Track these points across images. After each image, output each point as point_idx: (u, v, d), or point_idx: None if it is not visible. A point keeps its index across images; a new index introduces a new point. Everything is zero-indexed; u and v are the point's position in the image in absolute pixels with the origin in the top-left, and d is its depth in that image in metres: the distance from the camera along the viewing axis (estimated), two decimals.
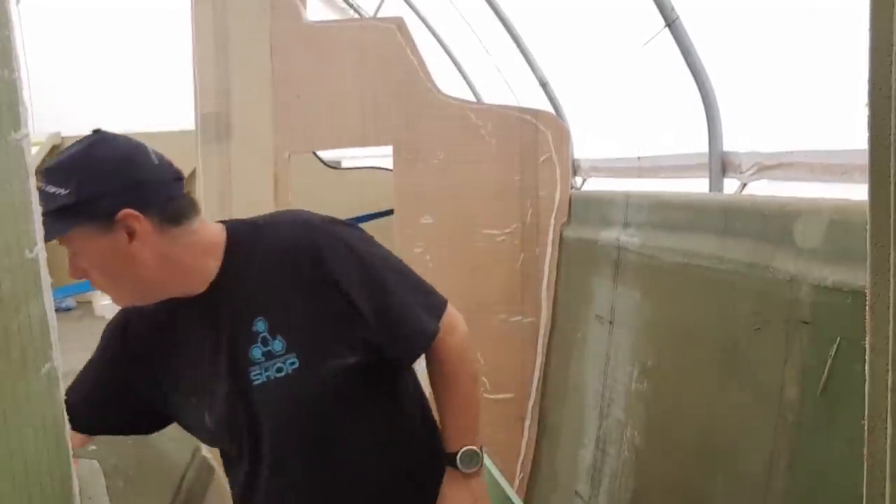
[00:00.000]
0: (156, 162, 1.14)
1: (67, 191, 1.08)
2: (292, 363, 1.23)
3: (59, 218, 1.08)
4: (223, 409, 1.26)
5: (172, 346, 1.28)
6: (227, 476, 1.42)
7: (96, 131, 1.15)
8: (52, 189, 1.08)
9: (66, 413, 0.73)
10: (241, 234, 1.25)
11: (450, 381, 1.35)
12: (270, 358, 1.23)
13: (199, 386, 1.27)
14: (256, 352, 1.23)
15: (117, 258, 1.11)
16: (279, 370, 1.23)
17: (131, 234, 1.10)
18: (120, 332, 1.31)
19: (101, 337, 1.34)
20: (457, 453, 1.35)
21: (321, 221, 1.29)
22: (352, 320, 1.23)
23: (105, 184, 1.07)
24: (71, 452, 0.73)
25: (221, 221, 1.27)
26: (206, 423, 1.28)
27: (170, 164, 1.17)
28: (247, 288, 1.23)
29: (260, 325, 1.23)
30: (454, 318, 1.34)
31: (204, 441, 1.42)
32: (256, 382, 1.23)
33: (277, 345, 1.23)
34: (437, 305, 1.33)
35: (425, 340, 1.29)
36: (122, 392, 1.32)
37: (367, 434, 1.34)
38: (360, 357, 1.25)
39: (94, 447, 1.43)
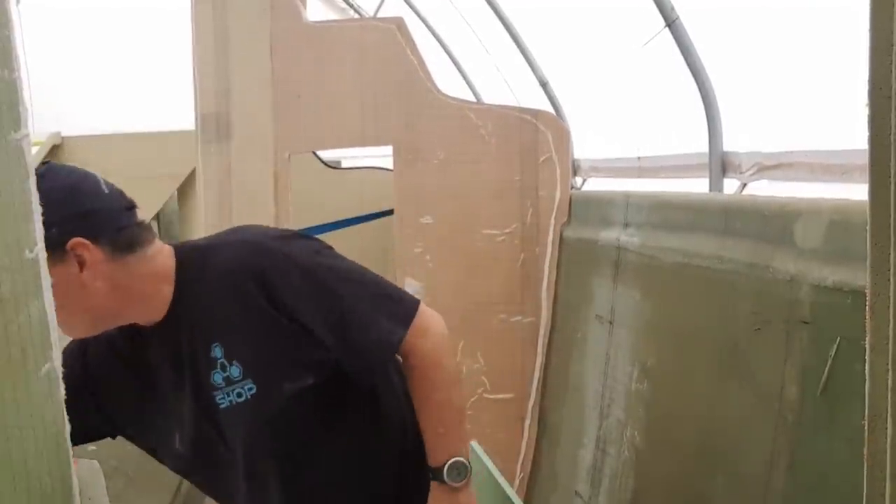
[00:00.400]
0: (106, 191, 1.14)
1: None
2: (250, 388, 1.22)
3: None
4: (193, 432, 1.26)
5: (133, 372, 1.27)
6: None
7: (45, 163, 1.14)
8: None
9: (66, 413, 0.73)
10: (189, 259, 1.24)
11: (425, 388, 1.29)
12: (230, 384, 1.22)
13: (166, 410, 1.27)
14: (217, 377, 1.23)
15: (70, 288, 1.09)
16: (239, 395, 1.22)
17: (82, 264, 1.10)
18: (80, 354, 1.28)
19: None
20: (442, 467, 1.28)
21: (268, 239, 1.26)
22: (305, 341, 1.21)
23: (52, 214, 1.03)
24: (71, 452, 0.73)
25: (171, 244, 1.26)
26: (175, 445, 1.28)
27: (121, 194, 1.17)
28: (200, 314, 1.22)
29: (217, 352, 1.22)
30: (427, 321, 1.28)
31: (172, 467, 1.37)
32: (222, 406, 1.23)
33: (234, 371, 1.23)
34: (403, 311, 1.27)
35: (387, 348, 1.26)
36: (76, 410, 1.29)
37: (344, 446, 1.32)
38: (319, 377, 1.23)
39: (93, 447, 1.43)
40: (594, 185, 3.51)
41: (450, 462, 1.28)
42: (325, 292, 1.22)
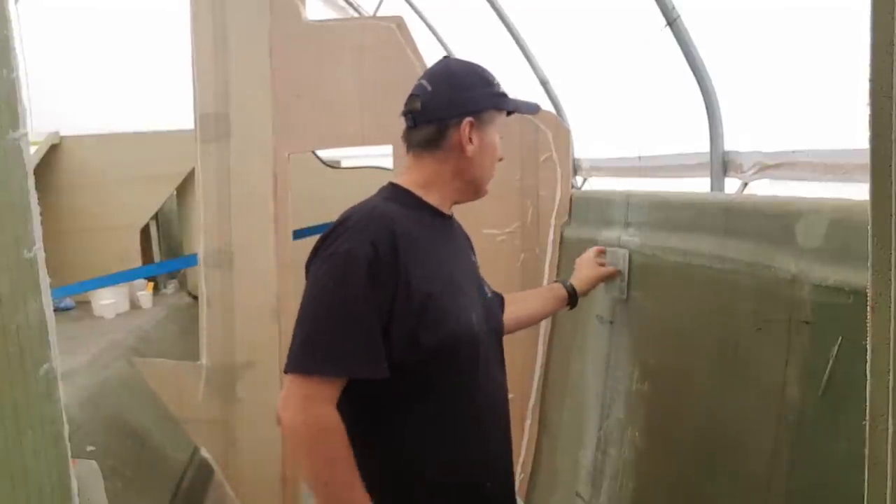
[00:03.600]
0: None
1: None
2: (485, 291, 1.69)
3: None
4: (481, 314, 1.58)
5: (438, 252, 1.55)
6: (441, 397, 1.53)
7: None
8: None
9: (64, 413, 0.73)
10: None
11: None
12: (484, 282, 1.71)
13: (466, 288, 1.58)
14: (480, 272, 1.72)
15: None
16: (487, 293, 1.69)
17: None
18: (371, 262, 1.41)
19: (359, 276, 1.38)
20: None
21: None
22: None
23: None
24: (69, 453, 0.73)
25: None
26: (472, 321, 1.53)
27: None
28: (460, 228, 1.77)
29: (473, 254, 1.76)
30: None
31: (458, 338, 1.52)
32: (488, 295, 1.68)
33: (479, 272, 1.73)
34: None
35: None
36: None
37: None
38: None
39: (92, 448, 1.43)
40: (595, 184, 3.51)
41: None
42: None
